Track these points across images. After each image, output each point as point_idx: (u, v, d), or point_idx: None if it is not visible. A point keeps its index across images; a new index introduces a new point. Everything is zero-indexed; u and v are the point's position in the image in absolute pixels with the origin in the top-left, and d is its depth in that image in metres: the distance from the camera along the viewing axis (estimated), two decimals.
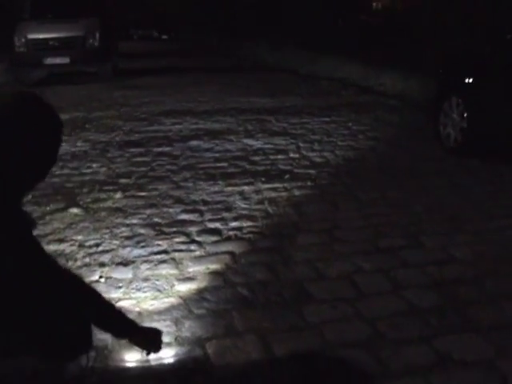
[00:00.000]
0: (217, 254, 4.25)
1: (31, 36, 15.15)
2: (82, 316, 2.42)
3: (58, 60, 15.14)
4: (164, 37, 47.44)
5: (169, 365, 2.91)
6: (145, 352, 2.73)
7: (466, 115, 6.68)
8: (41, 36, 15.10)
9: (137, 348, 2.82)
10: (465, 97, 6.75)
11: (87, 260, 4.14)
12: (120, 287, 3.73)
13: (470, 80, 6.76)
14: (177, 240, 4.51)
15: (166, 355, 2.97)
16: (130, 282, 3.81)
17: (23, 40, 15.18)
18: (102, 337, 3.07)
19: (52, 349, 2.36)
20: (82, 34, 15.35)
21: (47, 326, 2.29)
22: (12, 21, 15.93)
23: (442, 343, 3.03)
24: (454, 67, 7.43)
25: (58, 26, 15.19)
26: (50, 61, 15.10)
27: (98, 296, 2.52)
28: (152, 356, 2.90)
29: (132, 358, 2.95)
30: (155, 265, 4.07)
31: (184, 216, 5.06)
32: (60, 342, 2.35)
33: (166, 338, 3.07)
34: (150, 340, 2.67)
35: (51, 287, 2.28)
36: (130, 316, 2.77)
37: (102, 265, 4.06)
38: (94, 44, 15.52)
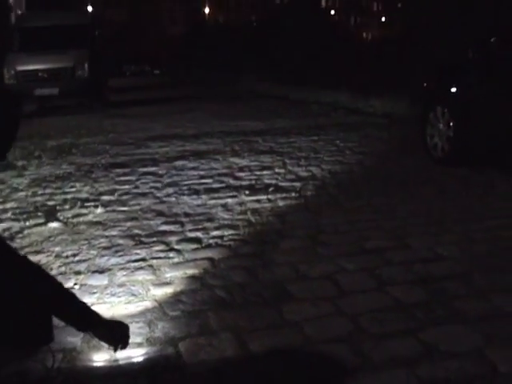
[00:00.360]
0: (195, 260, 4.11)
1: (20, 68, 15.18)
2: (42, 306, 2.28)
3: (47, 91, 15.15)
4: (156, 71, 47.81)
5: (139, 364, 2.76)
6: (112, 348, 2.58)
7: (451, 124, 6.60)
8: (30, 67, 15.13)
9: (105, 346, 2.69)
10: (450, 106, 6.69)
11: (63, 269, 4.00)
12: (94, 293, 3.59)
13: (454, 89, 6.69)
14: (156, 249, 4.37)
15: (136, 354, 2.82)
16: (105, 287, 3.67)
17: (12, 72, 15.20)
18: (70, 339, 2.95)
19: (10, 337, 2.22)
20: (71, 65, 15.39)
21: (5, 313, 2.16)
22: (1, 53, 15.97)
23: (428, 335, 2.89)
24: (438, 77, 7.37)
25: (47, 58, 15.23)
26: (39, 92, 15.09)
27: (59, 286, 2.39)
28: (121, 355, 2.77)
29: (101, 358, 2.80)
30: (132, 271, 3.93)
31: (164, 227, 4.93)
32: (19, 332, 2.21)
33: (137, 339, 2.95)
34: (115, 333, 2.53)
35: (11, 275, 2.16)
36: None
37: (78, 273, 3.92)
38: (83, 75, 15.55)
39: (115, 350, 2.60)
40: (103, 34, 20.77)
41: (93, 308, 2.63)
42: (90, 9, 19.53)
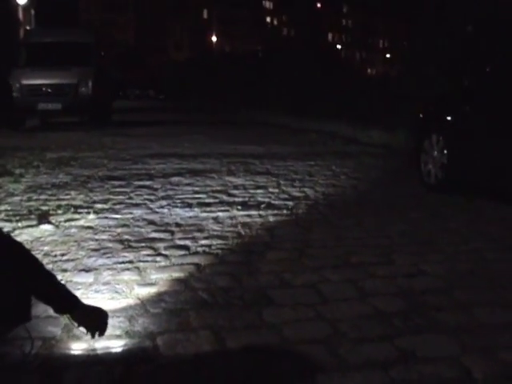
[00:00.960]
0: (182, 264, 4.15)
1: (25, 82, 15.35)
2: (21, 284, 2.31)
3: (50, 106, 15.30)
4: (160, 96, 48.09)
5: (116, 354, 2.78)
6: (89, 333, 2.60)
7: (445, 152, 6.68)
8: (35, 82, 15.30)
9: (84, 336, 2.72)
10: (444, 134, 6.77)
11: (50, 266, 4.01)
12: (79, 289, 3.60)
13: (449, 117, 6.78)
14: (143, 253, 4.41)
15: (114, 345, 2.84)
16: (90, 285, 3.70)
17: (17, 85, 15.36)
18: (51, 329, 2.98)
19: None
20: (74, 81, 15.54)
21: None
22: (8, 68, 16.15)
23: (405, 342, 2.91)
24: (434, 106, 7.47)
25: (52, 73, 15.40)
26: (42, 106, 15.24)
27: (40, 265, 2.42)
28: (99, 345, 2.80)
29: (79, 347, 2.82)
30: (118, 272, 3.96)
31: (154, 234, 4.97)
32: None
33: (116, 332, 2.99)
34: (93, 319, 2.56)
35: None
36: None
37: (65, 270, 3.95)
38: (87, 92, 15.69)
39: (93, 336, 2.62)
40: (109, 55, 20.96)
41: None
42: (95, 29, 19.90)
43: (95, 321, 2.57)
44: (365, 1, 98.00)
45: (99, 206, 6.08)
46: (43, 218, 5.48)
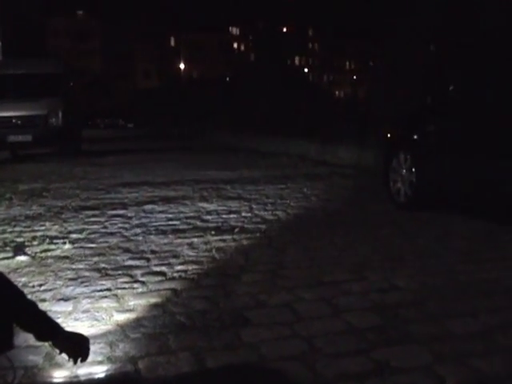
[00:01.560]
0: (159, 290, 4.21)
1: None
2: (3, 313, 2.37)
3: (20, 138, 15.27)
4: (130, 125, 48.06)
5: (99, 379, 2.84)
6: (72, 360, 2.66)
7: (413, 170, 6.83)
8: (4, 114, 15.26)
9: (66, 363, 2.77)
10: (412, 152, 6.92)
11: (29, 297, 4.05)
12: (58, 318, 3.63)
13: (415, 136, 6.95)
14: (121, 280, 4.46)
15: (97, 371, 2.90)
16: (69, 313, 3.75)
17: None
18: (32, 358, 3.03)
19: None
20: (44, 112, 15.54)
21: None
22: None
23: (379, 354, 3.01)
24: (401, 125, 7.64)
25: (21, 105, 15.38)
26: (13, 138, 15.21)
27: (20, 294, 2.48)
28: (81, 372, 2.86)
29: (62, 374, 2.88)
30: (96, 300, 4.01)
31: (131, 262, 5.03)
32: None
33: (98, 358, 3.03)
34: (75, 345, 2.61)
35: None
36: None
37: (43, 300, 3.98)
38: (57, 123, 15.69)
39: (75, 362, 2.67)
40: (77, 84, 20.99)
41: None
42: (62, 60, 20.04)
43: (77, 347, 2.62)
44: (329, 24, 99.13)
45: (74, 235, 6.11)
46: (19, 249, 5.50)
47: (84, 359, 2.68)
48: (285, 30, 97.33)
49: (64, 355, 2.67)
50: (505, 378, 2.74)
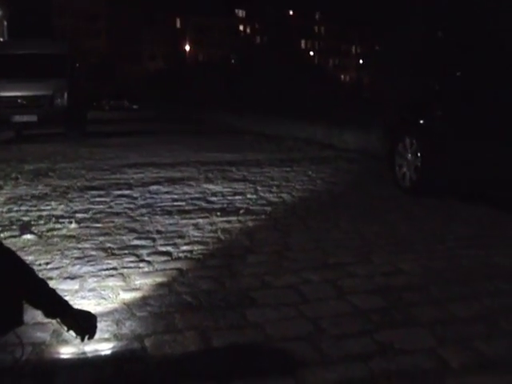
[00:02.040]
0: (165, 270, 4.24)
1: (0, 94, 15.29)
2: (14, 290, 2.39)
3: (25, 118, 15.27)
4: (134, 106, 48.02)
5: (105, 356, 2.87)
6: (79, 337, 2.69)
7: (419, 154, 6.83)
8: (9, 94, 15.26)
9: (73, 339, 2.80)
10: (418, 137, 6.92)
11: None
12: (65, 296, 3.64)
13: (422, 121, 6.94)
14: (127, 259, 4.49)
15: (103, 348, 2.93)
16: (76, 291, 3.78)
17: None
18: (40, 335, 3.06)
19: None
20: (50, 93, 15.53)
21: None
22: None
23: (383, 336, 3.04)
24: (407, 110, 7.63)
25: (27, 85, 15.37)
26: (18, 118, 15.22)
27: (31, 271, 2.50)
28: (88, 348, 2.88)
29: (69, 351, 2.91)
30: (102, 278, 4.04)
31: (136, 242, 5.05)
32: None
33: (105, 335, 3.07)
34: (83, 322, 2.65)
35: None
36: None
37: (50, 279, 4.00)
38: (62, 104, 15.68)
39: (82, 340, 2.71)
40: (83, 65, 20.96)
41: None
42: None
43: (85, 324, 2.65)
44: (337, 8, 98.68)
45: (80, 215, 6.14)
46: (25, 228, 5.54)
47: (91, 336, 2.72)
48: (291, 12, 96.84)
49: (71, 332, 2.70)
50: (507, 361, 2.76)
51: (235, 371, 2.70)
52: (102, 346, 2.95)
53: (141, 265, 4.35)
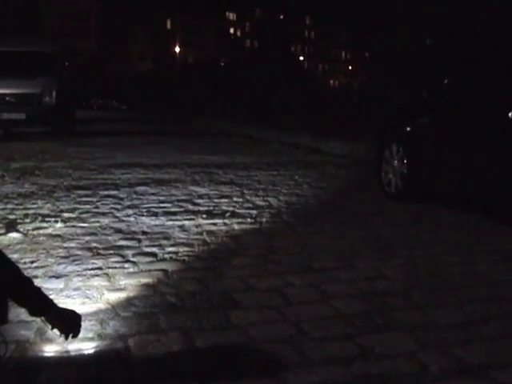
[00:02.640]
0: (150, 270, 4.26)
1: None
2: None
3: (13, 116, 15.22)
4: (123, 107, 47.96)
5: (89, 355, 2.89)
6: (63, 335, 2.70)
7: (405, 161, 6.88)
8: None
9: (57, 338, 2.82)
10: (404, 144, 6.97)
11: None
12: (50, 295, 3.64)
13: (408, 128, 7.00)
14: (112, 260, 4.51)
15: (87, 347, 2.95)
16: (61, 290, 3.79)
17: None
18: (24, 332, 3.07)
19: None
20: (38, 91, 15.50)
21: None
22: None
23: (365, 340, 3.07)
24: (394, 116, 7.69)
25: (16, 83, 15.32)
26: (6, 116, 15.16)
27: (16, 269, 2.52)
28: (72, 347, 2.90)
29: (52, 349, 2.92)
30: (87, 278, 4.06)
31: (122, 242, 5.07)
32: None
33: (88, 334, 3.08)
34: (67, 321, 2.66)
35: None
36: None
37: (35, 277, 3.99)
38: (51, 102, 15.65)
39: (66, 338, 2.72)
40: (72, 64, 20.93)
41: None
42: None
43: (69, 323, 2.67)
44: (328, 13, 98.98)
45: (66, 214, 6.14)
46: (11, 226, 5.54)
47: (75, 335, 2.73)
48: (282, 16, 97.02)
49: (56, 331, 2.72)
50: (486, 367, 2.80)
51: (217, 372, 2.73)
52: (85, 345, 2.96)
53: (126, 265, 4.37)
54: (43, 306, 2.59)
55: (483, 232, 5.73)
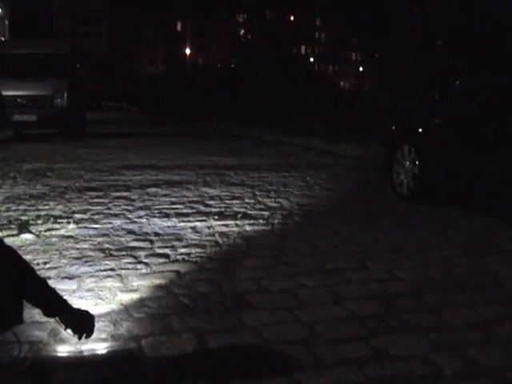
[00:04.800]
0: (163, 272, 4.26)
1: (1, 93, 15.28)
2: (14, 288, 2.42)
3: (25, 117, 15.30)
4: (133, 108, 48.07)
5: (102, 355, 2.89)
6: (77, 336, 2.71)
7: (417, 162, 6.87)
8: (9, 93, 15.25)
9: (70, 338, 2.82)
10: (416, 145, 6.96)
11: None
12: (63, 295, 3.68)
13: (420, 129, 6.99)
14: (125, 261, 4.51)
15: (101, 347, 2.95)
16: (74, 291, 3.80)
17: None
18: (37, 333, 3.08)
19: None
20: (49, 93, 15.57)
21: None
22: None
23: (378, 341, 3.06)
24: (406, 118, 7.68)
25: (27, 85, 15.40)
26: (17, 118, 15.24)
27: (31, 270, 2.53)
28: (85, 347, 2.90)
29: (66, 349, 2.93)
30: (100, 279, 4.06)
31: (134, 243, 5.08)
32: None
33: (102, 335, 3.08)
34: (81, 321, 2.67)
35: None
36: None
37: (48, 278, 3.99)
38: (62, 104, 15.72)
39: (80, 338, 2.73)
40: (83, 66, 21.01)
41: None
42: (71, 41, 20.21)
43: (83, 323, 2.68)
44: (338, 14, 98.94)
45: (78, 216, 6.16)
46: (23, 227, 5.56)
47: (89, 335, 2.74)
48: (292, 18, 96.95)
49: (69, 331, 2.73)
50: (500, 369, 2.79)
51: (231, 373, 2.73)
52: (99, 345, 2.97)
53: (138, 266, 4.37)
54: (57, 307, 2.60)
55: (495, 233, 5.72)
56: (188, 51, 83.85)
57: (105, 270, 4.26)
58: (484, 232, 5.77)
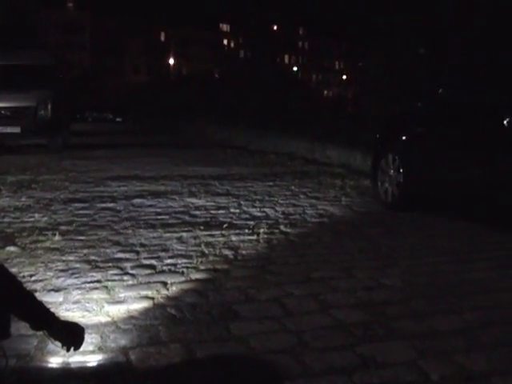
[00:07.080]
0: (149, 283, 4.26)
1: None
2: (1, 302, 2.41)
3: (8, 129, 15.18)
4: (118, 119, 47.96)
5: (90, 368, 2.89)
6: (65, 348, 2.71)
7: (401, 171, 6.91)
8: None
9: (58, 351, 2.82)
10: (400, 153, 7.01)
11: None
12: (49, 308, 3.67)
13: (404, 137, 7.03)
14: (111, 272, 4.51)
15: (88, 360, 2.95)
16: (60, 304, 3.79)
17: None
18: (25, 347, 3.07)
19: None
20: (34, 104, 15.47)
21: None
22: None
23: (365, 349, 3.08)
24: (390, 126, 7.73)
25: (10, 96, 15.29)
26: (1, 130, 15.12)
27: (19, 284, 2.52)
28: (73, 360, 2.90)
29: (53, 362, 2.92)
30: (87, 291, 4.06)
31: (120, 255, 5.07)
32: None
33: (89, 347, 3.08)
34: (69, 333, 2.67)
35: None
36: None
37: (34, 291, 3.98)
38: (46, 115, 15.61)
39: (68, 350, 2.73)
40: (66, 77, 20.95)
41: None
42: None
43: (71, 335, 2.67)
44: (320, 24, 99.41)
45: (64, 227, 6.14)
46: (8, 240, 5.53)
47: (77, 348, 2.73)
48: (275, 27, 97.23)
49: (57, 343, 2.72)
50: (487, 374, 2.82)
51: (219, 383, 2.73)
52: (86, 358, 2.97)
53: (125, 278, 4.37)
54: (45, 320, 2.59)
55: (480, 239, 5.77)
56: (172, 61, 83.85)
57: (91, 282, 4.25)
58: (469, 238, 5.82)
